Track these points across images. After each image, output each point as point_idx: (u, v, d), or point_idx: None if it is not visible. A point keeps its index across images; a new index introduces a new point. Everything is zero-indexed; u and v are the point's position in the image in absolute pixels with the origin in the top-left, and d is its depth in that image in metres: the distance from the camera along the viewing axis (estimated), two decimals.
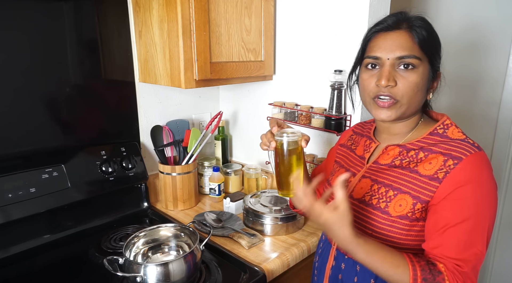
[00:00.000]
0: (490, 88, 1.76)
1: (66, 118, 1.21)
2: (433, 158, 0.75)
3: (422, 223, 0.75)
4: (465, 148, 0.73)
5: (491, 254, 1.89)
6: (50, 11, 1.12)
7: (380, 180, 0.81)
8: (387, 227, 0.76)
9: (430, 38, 0.75)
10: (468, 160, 0.71)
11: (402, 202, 0.76)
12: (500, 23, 1.68)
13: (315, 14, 1.25)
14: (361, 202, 0.82)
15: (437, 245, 0.71)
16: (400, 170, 0.79)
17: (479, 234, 0.69)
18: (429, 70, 0.76)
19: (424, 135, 0.79)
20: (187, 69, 1.12)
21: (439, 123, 0.80)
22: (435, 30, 0.78)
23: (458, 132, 0.77)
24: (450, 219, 0.70)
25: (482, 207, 0.70)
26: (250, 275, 0.98)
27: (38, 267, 1.05)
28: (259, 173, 1.45)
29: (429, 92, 0.79)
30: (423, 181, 0.74)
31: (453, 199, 0.70)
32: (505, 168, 1.77)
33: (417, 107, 0.79)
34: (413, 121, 0.82)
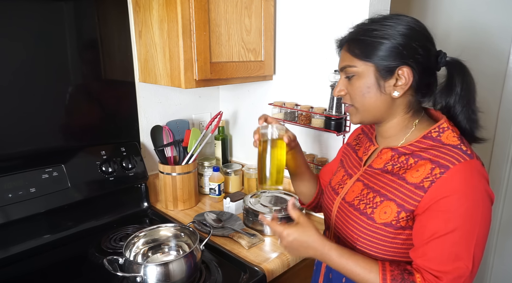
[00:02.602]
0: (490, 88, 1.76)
1: (66, 118, 1.21)
2: (421, 165, 0.72)
3: (409, 231, 0.73)
4: (454, 156, 0.69)
5: (491, 254, 1.89)
6: (50, 11, 1.12)
7: (371, 185, 0.81)
8: (372, 233, 0.76)
9: (367, 48, 0.75)
10: (456, 169, 0.68)
11: (387, 210, 0.75)
12: (500, 24, 1.68)
13: (315, 14, 1.25)
14: (350, 205, 0.82)
15: (420, 255, 0.70)
16: (390, 176, 0.78)
17: (464, 247, 0.66)
18: (377, 72, 0.75)
19: (418, 138, 0.77)
20: (187, 69, 1.12)
21: (434, 126, 0.76)
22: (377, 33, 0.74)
23: (453, 137, 0.73)
24: (434, 230, 0.68)
25: (470, 220, 0.66)
26: (250, 275, 0.98)
27: (38, 267, 1.05)
28: None
29: (387, 90, 0.75)
30: (409, 189, 0.72)
31: (437, 210, 0.68)
32: (505, 168, 1.77)
33: (381, 108, 0.77)
34: (399, 123, 0.79)
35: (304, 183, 1.04)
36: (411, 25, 0.73)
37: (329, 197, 0.91)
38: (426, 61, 0.74)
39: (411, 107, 0.78)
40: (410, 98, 0.77)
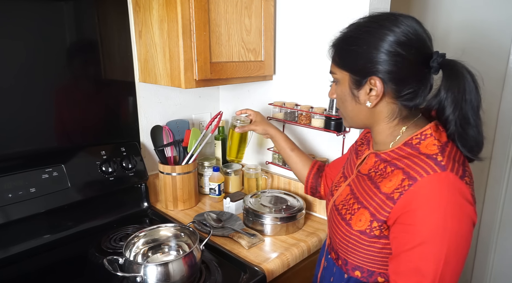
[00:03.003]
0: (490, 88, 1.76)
1: (66, 118, 1.21)
2: (395, 175, 0.69)
3: (384, 240, 0.71)
4: (424, 167, 0.65)
5: (491, 255, 1.89)
6: (50, 11, 1.12)
7: (354, 191, 0.80)
8: (349, 240, 0.76)
9: (343, 56, 0.75)
10: (424, 181, 0.64)
11: (362, 217, 0.74)
12: (500, 23, 1.68)
13: (315, 14, 1.25)
14: (337, 209, 0.83)
15: (391, 269, 0.69)
16: (369, 183, 0.76)
17: (430, 264, 0.62)
18: (350, 81, 0.74)
19: (399, 145, 0.73)
20: (187, 69, 1.12)
21: (417, 133, 0.72)
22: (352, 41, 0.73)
23: (432, 145, 0.68)
24: (402, 243, 0.66)
25: (437, 236, 0.62)
26: (250, 275, 0.98)
27: (38, 267, 1.05)
28: (259, 173, 1.45)
29: (361, 100, 0.74)
30: (381, 199, 0.70)
31: (403, 223, 0.66)
32: (505, 168, 1.77)
33: (360, 116, 0.77)
34: (385, 130, 0.76)
35: (292, 166, 1.18)
36: (389, 34, 0.68)
37: (327, 197, 0.92)
38: (402, 71, 0.68)
39: (395, 115, 0.74)
40: (392, 106, 0.73)
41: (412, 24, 0.69)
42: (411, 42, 0.68)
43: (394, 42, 0.67)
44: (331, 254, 0.85)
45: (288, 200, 1.28)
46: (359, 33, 0.72)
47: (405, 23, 0.68)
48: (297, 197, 1.30)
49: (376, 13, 0.73)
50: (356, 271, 0.77)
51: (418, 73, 0.70)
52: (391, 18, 0.70)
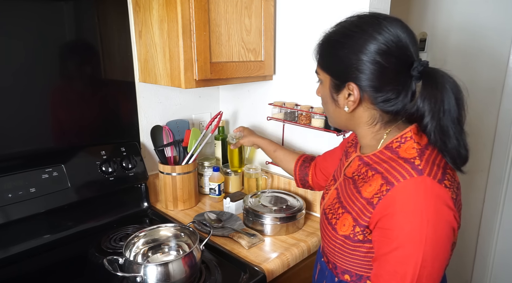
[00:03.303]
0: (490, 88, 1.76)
1: (66, 118, 1.21)
2: (375, 180, 0.69)
3: (368, 245, 0.71)
4: (401, 171, 0.65)
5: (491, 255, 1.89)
6: (50, 11, 1.12)
7: (340, 195, 0.80)
8: (335, 243, 0.76)
9: (325, 58, 0.76)
10: (400, 186, 0.64)
11: (346, 222, 0.74)
12: (500, 24, 1.68)
13: (315, 14, 1.25)
14: (325, 213, 0.83)
15: (373, 273, 0.69)
16: (352, 187, 0.76)
17: (407, 268, 0.62)
18: (330, 84, 0.75)
19: (381, 148, 0.73)
20: (187, 69, 1.12)
21: (398, 136, 0.71)
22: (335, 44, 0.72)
23: (411, 149, 0.68)
24: (381, 248, 0.66)
25: (414, 240, 0.61)
26: (250, 275, 0.98)
27: (38, 267, 1.05)
28: (259, 173, 1.45)
29: (340, 104, 0.74)
30: (362, 204, 0.70)
31: (382, 227, 0.66)
32: (505, 168, 1.77)
33: (339, 119, 0.77)
34: (367, 134, 0.76)
35: (280, 165, 1.25)
36: (371, 42, 0.67)
37: (321, 201, 0.92)
38: (380, 78, 0.68)
39: (376, 120, 0.73)
40: (372, 112, 0.73)
41: (395, 30, 0.67)
42: (391, 51, 0.66)
43: (374, 51, 0.66)
44: (324, 257, 0.86)
45: (288, 200, 1.28)
46: (341, 36, 0.71)
47: (388, 30, 0.67)
48: (297, 197, 1.30)
49: (362, 14, 0.72)
50: (346, 274, 0.77)
51: (397, 81, 0.68)
52: (374, 22, 0.68)
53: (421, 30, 1.94)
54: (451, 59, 1.86)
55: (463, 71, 1.82)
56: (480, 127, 1.82)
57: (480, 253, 1.92)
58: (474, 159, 1.87)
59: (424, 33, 1.92)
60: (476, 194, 1.89)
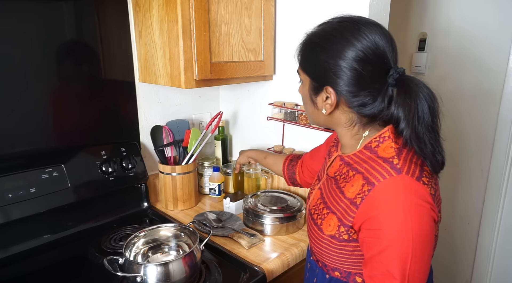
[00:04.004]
0: (490, 88, 1.76)
1: (66, 118, 1.21)
2: (356, 180, 0.71)
3: (354, 243, 0.72)
4: (380, 171, 0.67)
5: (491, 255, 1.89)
6: (50, 11, 1.12)
7: (324, 195, 0.81)
8: (322, 243, 0.77)
9: (306, 60, 0.77)
10: (381, 186, 0.66)
11: (331, 222, 0.75)
12: (500, 23, 1.68)
13: (315, 14, 1.25)
14: (310, 214, 0.84)
15: (366, 274, 0.70)
16: (335, 187, 0.77)
17: (398, 265, 0.64)
18: (310, 86, 0.76)
19: (361, 148, 0.75)
20: (187, 69, 1.12)
21: (376, 135, 0.73)
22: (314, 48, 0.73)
23: (390, 148, 0.70)
24: (371, 248, 0.67)
25: (401, 237, 0.63)
26: (250, 275, 0.98)
27: (38, 267, 1.05)
28: (259, 173, 1.45)
29: (318, 106, 0.76)
30: (346, 204, 0.72)
31: (369, 229, 0.67)
32: (505, 168, 1.77)
33: (318, 119, 0.79)
34: (346, 134, 0.77)
35: (271, 169, 1.30)
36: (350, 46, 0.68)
37: (307, 201, 0.94)
38: (356, 84, 0.69)
39: (354, 122, 0.75)
40: (350, 115, 0.74)
41: (374, 37, 0.68)
42: (368, 58, 0.68)
43: (351, 58, 0.68)
44: (313, 256, 0.87)
45: (288, 200, 1.28)
46: (321, 40, 0.72)
47: (366, 37, 0.68)
48: (297, 197, 1.30)
49: (344, 18, 0.73)
50: (336, 271, 0.78)
51: (374, 87, 0.70)
52: (354, 28, 0.69)
53: (421, 30, 1.94)
54: (451, 59, 1.86)
55: (463, 71, 1.82)
56: (480, 127, 1.82)
57: (480, 253, 1.92)
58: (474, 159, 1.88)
59: (424, 33, 1.92)
60: (476, 194, 1.89)
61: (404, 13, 1.98)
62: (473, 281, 1.98)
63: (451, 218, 1.99)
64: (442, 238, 2.04)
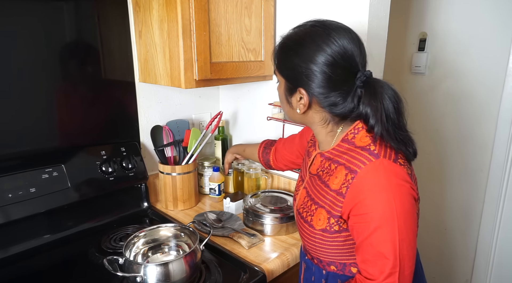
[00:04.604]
0: (490, 88, 1.76)
1: (66, 118, 1.21)
2: (339, 171, 0.75)
3: (345, 233, 0.75)
4: (360, 159, 0.71)
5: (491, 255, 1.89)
6: (50, 11, 1.12)
7: (310, 192, 0.84)
8: (315, 239, 0.80)
9: (281, 62, 0.81)
10: (363, 172, 0.70)
11: (321, 217, 0.78)
12: (500, 23, 1.68)
13: (315, 14, 1.25)
14: (299, 213, 0.86)
15: (359, 259, 0.73)
16: (320, 183, 0.81)
17: (389, 245, 0.67)
18: (285, 87, 0.80)
19: (338, 142, 0.79)
20: (187, 69, 1.12)
21: (351, 128, 0.77)
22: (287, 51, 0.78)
23: (365, 137, 0.74)
24: (361, 233, 0.70)
25: (388, 217, 0.67)
26: (250, 275, 0.98)
27: (38, 267, 1.05)
28: (259, 173, 1.45)
29: (293, 105, 0.80)
30: (332, 196, 0.75)
31: (357, 214, 0.70)
32: (505, 168, 1.77)
33: (293, 118, 0.83)
34: (321, 132, 0.81)
35: (252, 159, 1.34)
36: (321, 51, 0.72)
37: (293, 203, 0.95)
38: (326, 86, 0.73)
39: (327, 121, 0.79)
40: (323, 114, 0.78)
41: (342, 42, 0.72)
42: (338, 62, 0.72)
43: (322, 63, 0.72)
44: (307, 255, 0.89)
45: (288, 200, 1.28)
46: (294, 44, 0.77)
47: (336, 42, 0.72)
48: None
49: (316, 23, 0.77)
50: (331, 265, 0.82)
51: (343, 88, 0.74)
52: (324, 33, 0.73)
53: (421, 30, 1.94)
54: (451, 59, 1.86)
55: (463, 70, 1.82)
56: (480, 127, 1.82)
57: (480, 253, 1.92)
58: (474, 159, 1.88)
59: (424, 33, 1.92)
60: (476, 194, 1.89)
61: (404, 13, 1.98)
62: (473, 280, 1.98)
63: (451, 218, 1.99)
64: (442, 238, 2.04)
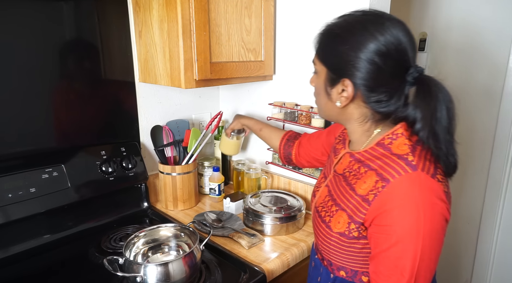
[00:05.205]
0: (490, 88, 1.76)
1: (66, 118, 1.21)
2: (369, 177, 0.70)
3: (363, 241, 0.72)
4: (395, 168, 0.66)
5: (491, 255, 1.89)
6: (50, 11, 1.12)
7: (332, 192, 0.80)
8: (330, 241, 0.76)
9: (324, 50, 0.75)
10: (396, 182, 0.65)
11: (340, 219, 0.74)
12: (500, 23, 1.68)
13: (315, 14, 1.25)
14: (317, 211, 0.83)
15: (371, 270, 0.70)
16: (345, 184, 0.76)
17: (407, 262, 0.63)
18: (326, 77, 0.74)
19: (372, 145, 0.73)
20: (187, 69, 1.12)
21: (389, 132, 0.72)
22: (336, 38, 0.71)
23: (404, 145, 0.69)
24: (380, 243, 0.67)
25: (412, 234, 0.63)
26: (250, 275, 0.98)
27: (38, 267, 1.05)
28: (259, 173, 1.45)
29: (333, 98, 0.74)
30: (357, 201, 0.71)
31: (379, 224, 0.66)
32: (505, 168, 1.77)
33: (330, 112, 0.78)
34: (357, 130, 0.77)
35: (266, 142, 1.29)
36: (372, 42, 0.66)
37: (311, 199, 0.93)
38: (375, 79, 0.68)
39: (367, 118, 0.74)
40: (364, 110, 0.73)
41: (397, 33, 0.67)
42: (390, 53, 0.67)
43: (373, 51, 0.66)
44: (318, 254, 0.86)
45: (288, 200, 1.28)
46: (343, 31, 0.71)
47: (390, 32, 0.67)
48: (297, 197, 1.30)
49: (367, 12, 0.71)
50: (341, 271, 0.78)
51: (392, 84, 0.69)
52: (378, 22, 0.68)
53: (421, 30, 1.93)
54: (451, 59, 1.86)
55: (463, 71, 1.82)
56: (480, 127, 1.82)
57: (480, 253, 1.92)
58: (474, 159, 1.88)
59: (424, 33, 1.92)
60: (476, 194, 1.89)
61: (404, 13, 1.98)
62: (473, 280, 1.98)
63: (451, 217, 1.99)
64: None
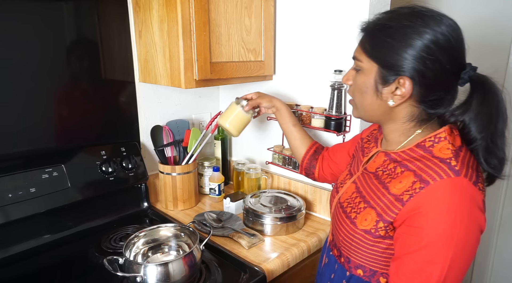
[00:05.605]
0: None
1: (66, 118, 1.21)
2: (405, 177, 0.68)
3: (389, 241, 0.70)
4: (437, 171, 0.64)
5: (491, 255, 1.89)
6: (50, 11, 1.12)
7: (360, 189, 0.79)
8: (353, 238, 0.75)
9: (376, 46, 0.70)
10: (436, 185, 0.63)
11: (368, 217, 0.73)
12: (500, 23, 1.68)
13: (315, 14, 1.25)
14: (341, 207, 0.82)
15: (392, 271, 0.68)
16: (377, 183, 0.75)
17: (435, 267, 0.61)
18: (378, 75, 0.70)
19: (411, 146, 0.72)
20: (187, 69, 1.12)
21: (431, 135, 0.70)
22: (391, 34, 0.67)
23: (446, 149, 0.67)
24: (408, 245, 0.65)
25: (444, 240, 0.61)
26: (250, 275, 0.98)
27: (38, 267, 1.05)
28: (259, 173, 1.45)
29: (383, 97, 0.71)
30: (389, 200, 0.69)
31: (411, 225, 0.64)
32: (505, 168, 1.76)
33: (374, 111, 0.74)
34: (398, 129, 0.74)
35: (291, 142, 1.16)
36: (432, 34, 0.64)
37: (332, 194, 0.92)
38: (436, 76, 0.66)
39: (413, 117, 0.72)
40: (413, 109, 0.71)
41: (453, 23, 0.66)
42: (450, 46, 0.65)
43: (434, 44, 0.64)
44: (333, 251, 0.85)
45: (288, 200, 1.28)
46: (399, 25, 0.66)
47: (447, 22, 0.65)
48: (297, 197, 1.30)
49: (419, 7, 0.68)
50: (359, 269, 0.76)
51: (448, 82, 0.68)
52: (436, 18, 0.65)
53: None
54: None
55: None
56: None
57: (480, 253, 1.92)
58: None
59: None
60: None
61: None
62: (473, 281, 1.98)
63: None
64: None
